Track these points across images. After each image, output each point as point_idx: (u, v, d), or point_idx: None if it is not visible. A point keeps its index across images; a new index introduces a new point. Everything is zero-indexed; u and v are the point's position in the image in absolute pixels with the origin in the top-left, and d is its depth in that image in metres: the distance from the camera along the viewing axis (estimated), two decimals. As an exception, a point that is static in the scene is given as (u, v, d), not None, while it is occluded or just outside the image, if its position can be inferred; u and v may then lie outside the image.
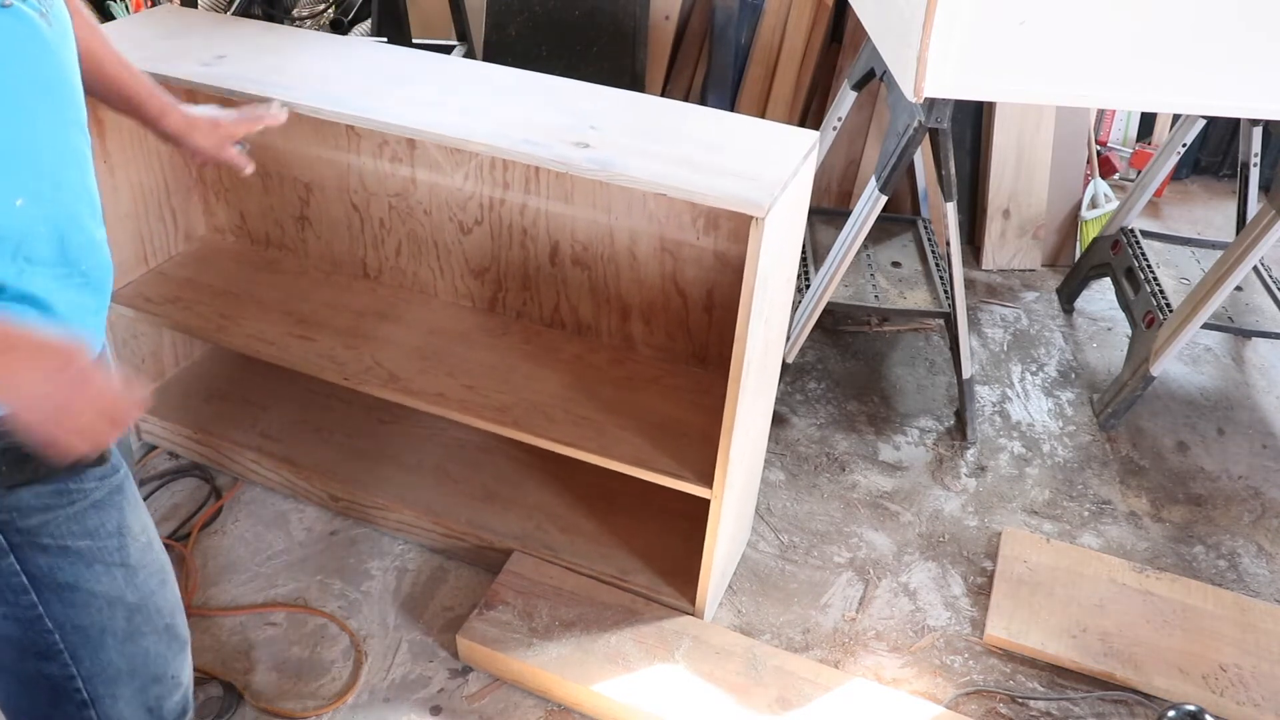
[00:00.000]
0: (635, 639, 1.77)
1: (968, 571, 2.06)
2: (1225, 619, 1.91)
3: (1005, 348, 2.74)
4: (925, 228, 2.73)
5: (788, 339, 2.15)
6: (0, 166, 0.87)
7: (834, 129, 2.57)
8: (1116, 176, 3.56)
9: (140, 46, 1.74)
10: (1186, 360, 2.73)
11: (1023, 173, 3.05)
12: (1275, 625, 1.91)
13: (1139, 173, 3.37)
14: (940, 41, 1.54)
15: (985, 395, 2.56)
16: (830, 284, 2.22)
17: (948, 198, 2.18)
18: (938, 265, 2.56)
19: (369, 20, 3.06)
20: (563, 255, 1.89)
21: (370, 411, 2.22)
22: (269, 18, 2.83)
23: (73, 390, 0.87)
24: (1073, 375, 2.65)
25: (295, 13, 3.12)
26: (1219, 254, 2.43)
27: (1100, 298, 2.96)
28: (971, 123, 3.08)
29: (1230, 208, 3.39)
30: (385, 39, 2.89)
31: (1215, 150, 3.68)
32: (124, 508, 1.07)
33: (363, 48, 1.82)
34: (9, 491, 0.96)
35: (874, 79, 2.36)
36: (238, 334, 1.91)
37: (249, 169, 1.49)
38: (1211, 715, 1.68)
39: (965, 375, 2.36)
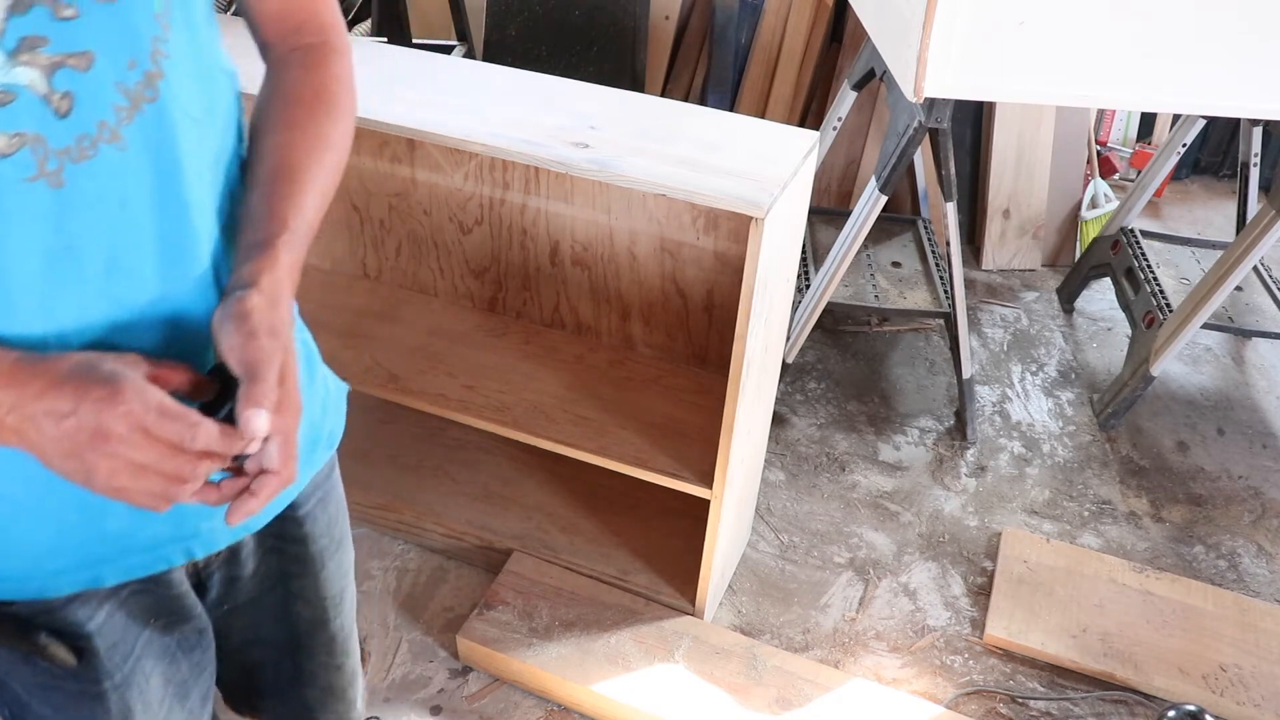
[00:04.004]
0: (635, 639, 1.77)
1: (968, 571, 2.06)
2: (1225, 619, 1.91)
3: (1005, 348, 2.74)
4: (925, 228, 2.73)
5: (788, 339, 2.15)
6: None
7: (834, 129, 2.57)
8: (1116, 176, 3.55)
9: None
10: (1186, 360, 2.73)
11: (1023, 173, 3.05)
12: (1275, 625, 1.91)
13: (1139, 173, 3.37)
14: (940, 42, 1.54)
15: (985, 395, 2.56)
16: (830, 284, 2.22)
17: (948, 198, 2.18)
18: (938, 265, 2.56)
19: (369, 20, 3.06)
20: (563, 255, 1.89)
21: (371, 412, 2.22)
22: (269, 18, 2.83)
23: (97, 423, 0.64)
24: (1073, 375, 2.65)
25: (295, 13, 3.11)
26: (1219, 254, 2.43)
27: (1100, 298, 2.96)
28: (971, 123, 3.08)
29: (1230, 208, 3.39)
30: (385, 39, 2.89)
31: (1215, 150, 3.67)
32: (123, 706, 0.88)
33: (363, 48, 1.81)
34: None
35: (874, 79, 2.36)
36: (238, 334, 1.91)
37: None
38: (1211, 715, 1.68)
39: (965, 375, 2.36)
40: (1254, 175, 2.68)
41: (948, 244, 2.23)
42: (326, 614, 1.07)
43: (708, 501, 1.67)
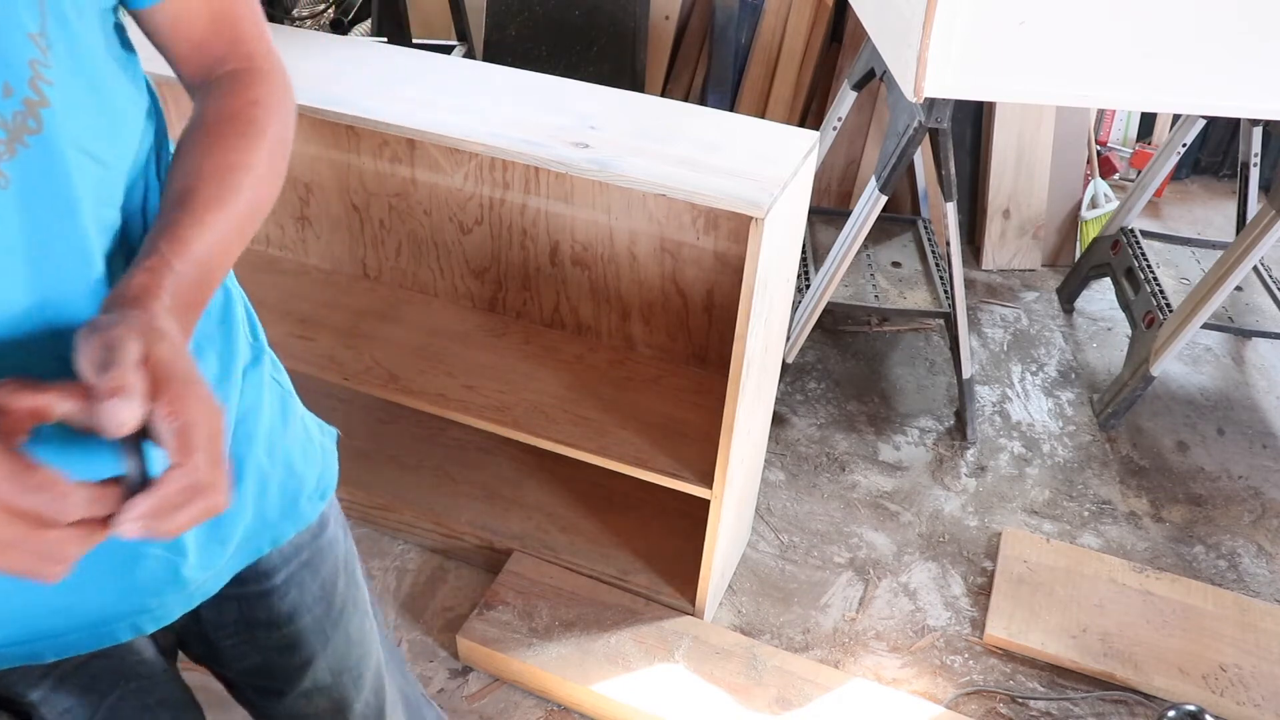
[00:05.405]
0: (635, 639, 1.77)
1: (968, 571, 2.06)
2: (1225, 619, 1.91)
3: (1005, 348, 2.74)
4: (925, 228, 2.73)
5: (788, 339, 2.15)
6: None
7: (834, 129, 2.57)
8: (1116, 176, 3.56)
9: (140, 48, 1.74)
10: (1186, 360, 2.73)
11: (1023, 173, 3.05)
12: (1275, 625, 1.91)
13: (1139, 173, 3.37)
14: (940, 41, 1.54)
15: (985, 395, 2.56)
16: (830, 284, 2.22)
17: (948, 198, 2.18)
18: (938, 265, 2.56)
19: (369, 20, 3.06)
20: (563, 255, 1.89)
21: (370, 411, 2.22)
22: (269, 18, 2.84)
23: None
24: (1073, 375, 2.65)
25: (295, 13, 3.12)
26: (1219, 254, 2.43)
27: (1100, 298, 2.96)
28: (971, 123, 3.08)
29: (1230, 208, 3.39)
30: (385, 39, 2.89)
31: (1215, 150, 3.67)
32: None
33: (362, 48, 1.81)
34: None
35: (874, 79, 2.36)
36: (238, 334, 1.91)
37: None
38: (1211, 715, 1.68)
39: (965, 375, 2.36)
40: (1254, 175, 2.68)
41: (948, 244, 2.23)
42: (345, 694, 0.94)
43: (708, 501, 1.67)
